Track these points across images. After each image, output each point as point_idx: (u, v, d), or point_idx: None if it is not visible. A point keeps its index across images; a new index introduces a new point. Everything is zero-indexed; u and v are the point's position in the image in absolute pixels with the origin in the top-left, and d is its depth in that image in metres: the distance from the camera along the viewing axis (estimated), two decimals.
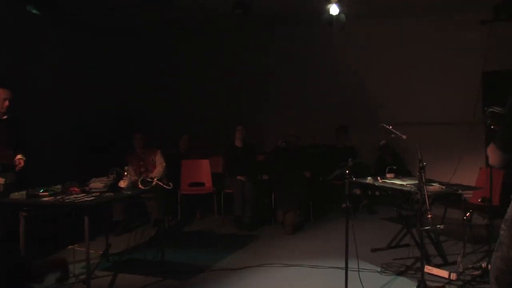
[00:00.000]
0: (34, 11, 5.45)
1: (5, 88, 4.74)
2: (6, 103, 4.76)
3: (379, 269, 4.98)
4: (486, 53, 7.22)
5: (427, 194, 3.97)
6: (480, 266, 4.56)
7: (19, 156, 4.82)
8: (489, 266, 3.02)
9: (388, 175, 5.65)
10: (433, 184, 4.82)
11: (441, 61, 7.84)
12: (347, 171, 4.19)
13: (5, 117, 4.83)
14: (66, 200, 4.27)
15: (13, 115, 4.87)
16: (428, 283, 4.27)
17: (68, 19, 7.50)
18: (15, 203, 4.47)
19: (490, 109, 3.13)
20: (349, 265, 4.13)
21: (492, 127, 3.11)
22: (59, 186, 4.60)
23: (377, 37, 8.54)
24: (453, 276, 4.52)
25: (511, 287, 2.74)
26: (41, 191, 4.44)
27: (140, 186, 4.91)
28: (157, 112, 9.51)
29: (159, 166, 6.85)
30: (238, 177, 7.10)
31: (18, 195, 4.42)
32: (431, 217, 3.80)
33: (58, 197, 4.36)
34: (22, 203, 4.44)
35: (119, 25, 8.69)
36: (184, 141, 8.03)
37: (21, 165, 4.80)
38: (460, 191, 5.04)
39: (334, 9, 6.51)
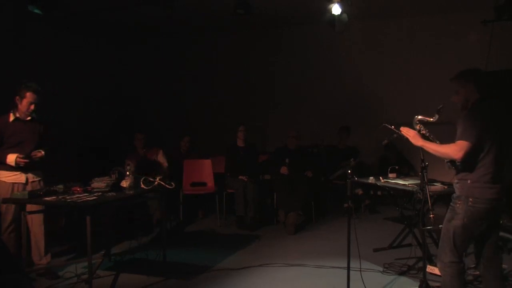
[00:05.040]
0: (36, 11, 5.45)
1: (32, 92, 4.79)
2: (32, 106, 4.83)
3: (381, 269, 4.99)
4: (488, 53, 7.22)
5: (429, 194, 3.97)
6: None
7: (36, 151, 4.86)
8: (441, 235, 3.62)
9: (390, 175, 5.64)
10: (435, 184, 4.82)
11: (443, 61, 7.82)
12: (349, 171, 4.18)
13: (28, 118, 4.88)
14: (68, 200, 4.25)
15: (38, 116, 4.93)
16: (430, 283, 4.26)
17: (69, 20, 7.52)
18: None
19: (419, 117, 3.77)
20: (351, 265, 4.13)
21: (421, 132, 3.74)
22: (61, 186, 4.60)
23: (380, 38, 8.55)
24: None
25: (465, 250, 3.57)
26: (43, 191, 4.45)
27: (142, 186, 4.90)
28: (159, 112, 9.52)
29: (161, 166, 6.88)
30: (240, 177, 7.11)
31: (20, 194, 4.43)
32: (433, 217, 3.80)
33: (60, 197, 4.35)
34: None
35: (120, 27, 8.71)
36: (185, 142, 8.05)
37: (36, 156, 4.82)
38: None
39: (336, 9, 6.50)
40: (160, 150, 7.06)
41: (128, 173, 4.86)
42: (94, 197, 4.36)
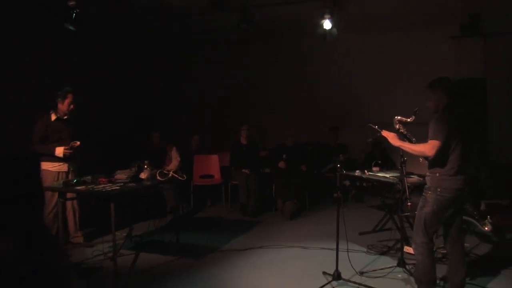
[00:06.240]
0: (71, 28, 5.57)
1: (72, 94, 5.10)
2: (72, 106, 5.12)
3: (365, 249, 5.08)
4: (456, 64, 7.36)
5: (407, 185, 4.07)
6: None
7: (73, 142, 5.07)
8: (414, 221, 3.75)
9: (374, 169, 5.71)
10: (412, 176, 4.89)
11: (420, 70, 7.81)
12: (338, 165, 4.26)
13: (66, 117, 5.14)
14: (96, 189, 4.37)
15: (71, 117, 5.21)
16: (406, 260, 4.40)
17: (101, 33, 7.60)
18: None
19: (399, 117, 3.90)
20: (340, 246, 4.20)
21: (400, 130, 3.90)
22: (89, 177, 4.71)
23: (366, 49, 8.59)
24: None
25: (434, 233, 3.68)
26: (74, 181, 4.57)
27: (158, 177, 4.98)
28: (173, 114, 9.58)
29: (175, 160, 6.96)
30: (243, 170, 7.19)
31: (56, 184, 4.55)
32: (410, 205, 3.89)
33: (89, 186, 4.47)
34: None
35: (140, 39, 8.79)
36: (195, 140, 8.12)
37: (75, 146, 5.03)
38: None
39: (327, 24, 6.59)
40: (173, 146, 7.14)
41: (146, 166, 4.96)
42: (117, 187, 4.46)
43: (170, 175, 5.11)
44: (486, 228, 4.94)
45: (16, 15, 6.53)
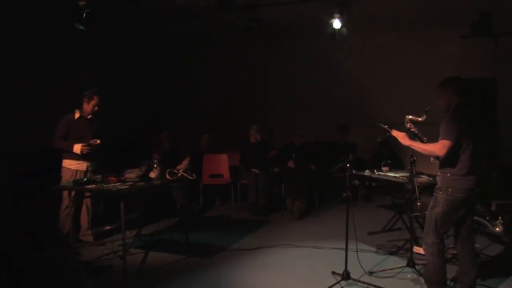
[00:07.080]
0: (81, 27, 5.57)
1: (98, 95, 5.15)
2: (96, 108, 5.17)
3: (374, 249, 5.05)
4: (465, 63, 7.28)
5: (416, 185, 4.02)
6: None
7: (93, 140, 5.09)
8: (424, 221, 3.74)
9: (383, 168, 5.66)
10: (422, 176, 4.85)
11: (429, 69, 7.76)
12: (348, 165, 4.23)
13: (89, 116, 5.19)
14: (105, 188, 4.37)
15: (94, 116, 5.26)
16: (416, 261, 4.35)
17: (96, 34, 7.62)
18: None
19: (410, 117, 3.88)
20: (349, 246, 4.19)
21: (411, 130, 3.86)
22: (99, 176, 4.72)
23: (375, 48, 8.53)
24: None
25: (445, 233, 3.63)
26: (84, 180, 4.57)
27: (168, 177, 4.96)
28: (173, 114, 9.60)
29: (184, 159, 6.96)
30: (252, 170, 7.17)
31: (67, 183, 4.55)
32: (420, 205, 3.86)
33: (98, 185, 4.47)
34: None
35: (140, 39, 8.80)
36: (204, 139, 8.11)
37: (94, 144, 5.04)
38: None
39: (336, 23, 6.57)
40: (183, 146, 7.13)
41: (155, 165, 4.94)
42: (127, 186, 4.45)
43: (179, 174, 5.07)
44: (497, 229, 4.86)
45: (16, 15, 6.54)
